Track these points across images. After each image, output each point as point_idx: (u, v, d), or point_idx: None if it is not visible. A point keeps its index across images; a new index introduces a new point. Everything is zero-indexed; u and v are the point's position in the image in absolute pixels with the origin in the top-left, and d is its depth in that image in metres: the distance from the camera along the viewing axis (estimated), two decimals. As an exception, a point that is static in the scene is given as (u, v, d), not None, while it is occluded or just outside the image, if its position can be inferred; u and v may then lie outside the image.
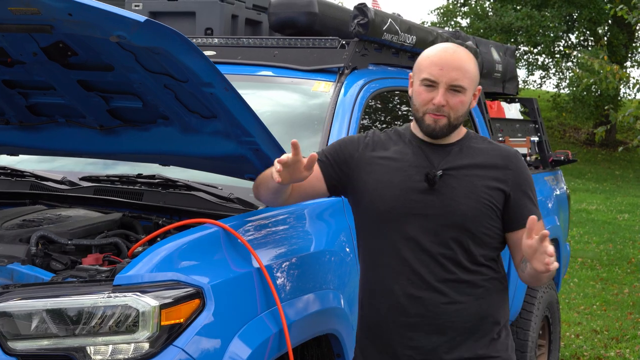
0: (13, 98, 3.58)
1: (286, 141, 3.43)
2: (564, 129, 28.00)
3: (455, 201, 2.91)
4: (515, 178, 2.97)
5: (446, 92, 2.88)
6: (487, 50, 6.50)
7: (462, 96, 2.90)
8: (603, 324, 8.45)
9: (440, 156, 2.96)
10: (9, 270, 2.94)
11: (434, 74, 2.89)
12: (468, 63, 2.93)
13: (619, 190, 20.47)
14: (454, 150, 2.98)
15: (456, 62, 2.90)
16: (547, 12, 25.81)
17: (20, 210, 3.58)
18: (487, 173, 2.95)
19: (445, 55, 2.92)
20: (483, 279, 2.95)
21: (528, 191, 2.99)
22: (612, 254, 12.50)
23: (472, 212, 2.90)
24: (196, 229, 2.98)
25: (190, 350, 2.63)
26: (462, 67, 2.90)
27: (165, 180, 3.71)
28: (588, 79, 11.95)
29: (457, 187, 2.92)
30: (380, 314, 2.99)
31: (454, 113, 2.90)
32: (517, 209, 2.95)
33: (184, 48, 2.81)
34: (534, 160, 6.57)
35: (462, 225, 2.90)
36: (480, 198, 2.91)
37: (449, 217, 2.90)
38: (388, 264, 2.95)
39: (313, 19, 4.57)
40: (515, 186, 2.96)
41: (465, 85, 2.89)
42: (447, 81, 2.87)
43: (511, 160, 2.99)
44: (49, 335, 2.60)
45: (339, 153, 3.09)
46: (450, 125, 2.92)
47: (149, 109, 3.37)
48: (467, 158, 2.97)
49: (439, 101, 2.87)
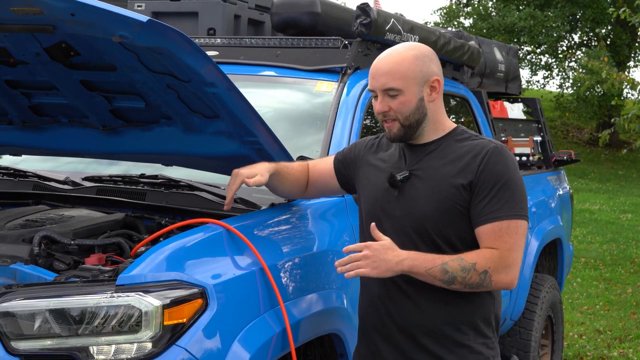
0: (16, 98, 3.58)
1: (289, 140, 3.45)
2: (567, 128, 27.98)
3: (416, 202, 2.90)
4: (482, 172, 2.83)
5: (385, 98, 2.92)
6: (490, 50, 6.50)
7: (401, 97, 2.90)
8: (606, 324, 8.44)
9: (416, 156, 2.97)
10: (12, 270, 2.94)
11: (371, 84, 2.97)
12: (398, 63, 2.90)
13: (622, 190, 20.45)
14: (430, 149, 2.97)
15: (384, 67, 2.92)
16: (550, 12, 25.79)
17: (23, 210, 3.58)
18: (454, 171, 2.88)
19: (377, 63, 2.97)
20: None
21: (496, 185, 2.82)
22: (615, 254, 12.49)
23: (432, 212, 2.87)
24: (199, 229, 2.98)
25: (193, 350, 2.63)
26: (391, 70, 2.90)
27: (168, 180, 3.71)
28: (590, 80, 11.96)
29: (420, 187, 2.91)
30: (362, 311, 3.08)
31: (401, 115, 2.91)
32: (478, 204, 2.83)
33: (186, 48, 2.81)
34: (536, 160, 6.56)
35: (424, 226, 2.88)
36: (442, 198, 2.86)
37: (411, 219, 2.90)
38: None
39: (316, 19, 4.57)
40: (479, 181, 2.83)
41: (398, 86, 2.89)
42: (380, 87, 2.92)
43: (481, 155, 2.86)
44: (52, 335, 2.59)
45: (350, 152, 3.22)
46: (404, 127, 2.92)
47: (152, 109, 3.37)
48: (440, 157, 2.93)
49: (378, 109, 2.93)
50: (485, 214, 2.82)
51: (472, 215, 2.85)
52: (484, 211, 2.82)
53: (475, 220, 2.84)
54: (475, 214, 2.84)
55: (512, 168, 2.88)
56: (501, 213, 2.81)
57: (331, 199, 3.53)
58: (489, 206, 2.82)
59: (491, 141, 2.94)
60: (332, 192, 3.36)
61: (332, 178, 3.26)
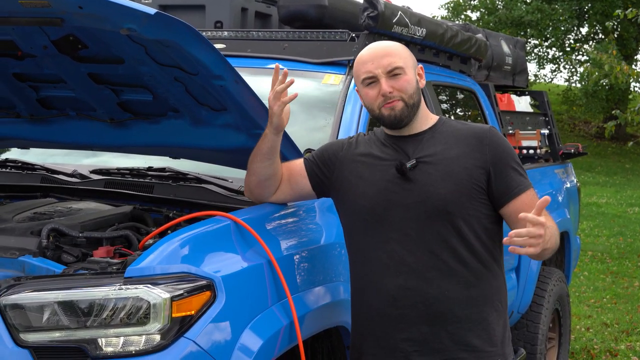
0: (24, 91, 3.59)
1: (295, 133, 3.44)
2: (574, 122, 27.93)
3: (433, 186, 2.93)
4: (492, 152, 2.97)
5: (388, 80, 2.97)
6: (497, 43, 6.48)
7: (405, 76, 2.98)
8: (613, 317, 8.44)
9: (414, 146, 3.01)
10: (20, 262, 2.95)
11: (369, 70, 2.99)
12: (394, 47, 3.05)
13: (629, 184, 20.41)
14: (426, 137, 3.02)
15: (383, 51, 3.02)
16: (558, 5, 25.71)
17: (31, 203, 3.59)
18: (463, 154, 2.96)
19: (370, 50, 3.05)
20: (474, 265, 2.94)
21: (510, 162, 2.98)
22: (623, 247, 12.48)
23: (452, 195, 2.91)
24: (207, 222, 2.98)
25: (202, 342, 2.64)
26: (390, 52, 3.01)
27: (175, 173, 3.71)
28: (597, 75, 11.93)
29: (433, 172, 2.94)
30: (373, 309, 3.02)
31: (405, 93, 2.97)
32: (502, 181, 2.95)
33: (194, 41, 2.81)
34: (544, 153, 6.56)
35: (444, 210, 2.91)
36: (459, 180, 2.92)
37: (429, 204, 2.92)
38: (377, 257, 2.98)
39: (323, 12, 4.56)
40: (494, 161, 2.96)
41: (401, 64, 2.98)
42: (383, 69, 2.97)
43: (485, 136, 3.00)
44: (61, 327, 2.60)
45: (323, 153, 3.20)
46: (408, 106, 2.98)
47: (159, 101, 3.37)
48: (441, 142, 3.00)
49: (385, 89, 2.96)
50: (514, 187, 2.95)
51: (500, 191, 2.94)
52: (512, 185, 2.95)
53: (507, 195, 2.95)
54: (502, 190, 2.95)
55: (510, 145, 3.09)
56: (525, 183, 2.97)
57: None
58: (514, 180, 2.96)
59: (481, 124, 3.12)
60: (304, 194, 3.23)
61: (304, 178, 3.19)
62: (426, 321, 2.93)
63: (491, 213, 2.98)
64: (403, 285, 2.94)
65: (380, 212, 2.97)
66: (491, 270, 2.99)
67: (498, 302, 3.01)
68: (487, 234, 2.98)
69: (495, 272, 3.00)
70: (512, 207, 2.95)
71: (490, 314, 2.97)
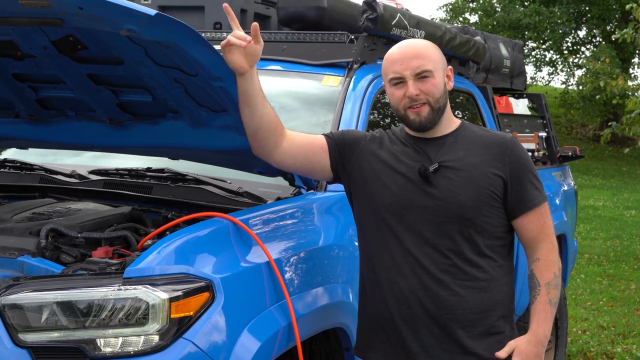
0: (23, 92, 3.59)
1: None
2: (572, 125, 27.95)
3: (453, 192, 2.92)
4: (513, 163, 2.97)
5: (415, 82, 2.94)
6: (496, 46, 6.49)
7: (433, 79, 2.95)
8: (610, 320, 8.44)
9: (436, 149, 3.00)
10: (19, 262, 2.95)
11: (398, 70, 2.96)
12: (426, 48, 3.01)
13: (625, 187, 20.43)
14: (448, 141, 3.01)
15: (413, 52, 2.98)
16: (556, 8, 25.74)
17: (30, 203, 3.59)
18: (484, 161, 2.96)
19: (401, 49, 3.01)
20: (487, 270, 2.95)
21: (528, 174, 2.99)
22: (619, 250, 12.49)
23: (471, 201, 2.92)
24: (205, 223, 2.98)
25: (200, 343, 2.64)
26: (421, 54, 2.97)
27: (174, 173, 3.72)
28: (591, 85, 11.99)
29: (454, 177, 2.94)
30: (384, 306, 3.01)
31: (432, 97, 2.95)
32: (517, 194, 2.96)
33: (194, 42, 2.81)
34: (541, 155, 6.57)
35: (463, 215, 2.91)
36: (479, 187, 2.93)
37: (449, 209, 2.92)
38: (391, 255, 2.97)
39: (322, 14, 4.57)
40: (513, 172, 2.96)
41: (431, 68, 2.95)
42: (411, 71, 2.94)
43: (507, 146, 2.99)
44: (59, 327, 2.61)
45: (345, 136, 3.14)
46: (434, 111, 2.96)
47: (159, 102, 3.38)
48: (463, 148, 2.99)
49: (411, 92, 2.93)
50: (528, 201, 2.97)
51: (514, 202, 2.96)
52: (526, 198, 2.97)
53: (520, 208, 2.97)
54: (517, 201, 2.97)
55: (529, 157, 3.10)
56: (540, 198, 2.99)
57: (337, 194, 3.52)
58: (529, 193, 2.97)
59: (503, 133, 3.11)
60: (313, 167, 3.12)
61: (324, 152, 3.08)
62: (436, 323, 2.93)
63: (505, 222, 2.99)
64: (416, 286, 2.94)
65: (398, 211, 2.96)
66: (503, 276, 3.00)
67: (507, 308, 3.02)
68: (500, 241, 2.99)
69: (506, 278, 3.02)
70: (522, 221, 2.98)
71: (499, 319, 2.98)
